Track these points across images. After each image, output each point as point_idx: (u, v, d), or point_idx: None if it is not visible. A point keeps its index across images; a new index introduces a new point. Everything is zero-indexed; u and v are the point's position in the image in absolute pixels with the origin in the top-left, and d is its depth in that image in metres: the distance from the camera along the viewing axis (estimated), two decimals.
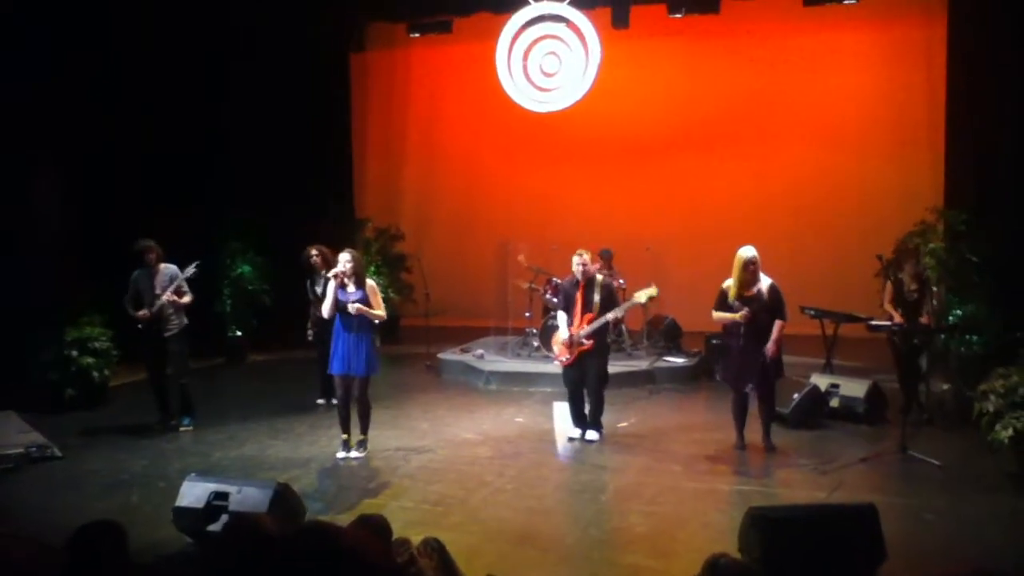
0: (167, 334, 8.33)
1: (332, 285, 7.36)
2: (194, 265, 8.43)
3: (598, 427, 8.03)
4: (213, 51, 12.11)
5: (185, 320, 8.49)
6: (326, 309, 7.44)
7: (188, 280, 8.39)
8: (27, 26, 10.11)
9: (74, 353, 9.31)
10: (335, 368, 7.43)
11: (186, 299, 8.40)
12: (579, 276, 7.86)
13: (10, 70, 9.78)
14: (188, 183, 11.80)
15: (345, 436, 7.55)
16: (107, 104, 11.25)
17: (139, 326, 8.28)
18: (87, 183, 11.14)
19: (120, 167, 11.53)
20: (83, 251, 10.82)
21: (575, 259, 7.86)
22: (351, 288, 7.34)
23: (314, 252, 9.08)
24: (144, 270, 8.33)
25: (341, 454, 7.50)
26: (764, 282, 7.25)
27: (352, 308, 7.26)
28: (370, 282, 7.51)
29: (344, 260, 7.38)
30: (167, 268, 8.37)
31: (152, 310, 8.21)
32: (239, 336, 12.19)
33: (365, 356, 7.35)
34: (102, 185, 11.32)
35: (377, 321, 7.43)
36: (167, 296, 8.21)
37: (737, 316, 7.25)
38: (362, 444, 7.57)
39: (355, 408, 7.53)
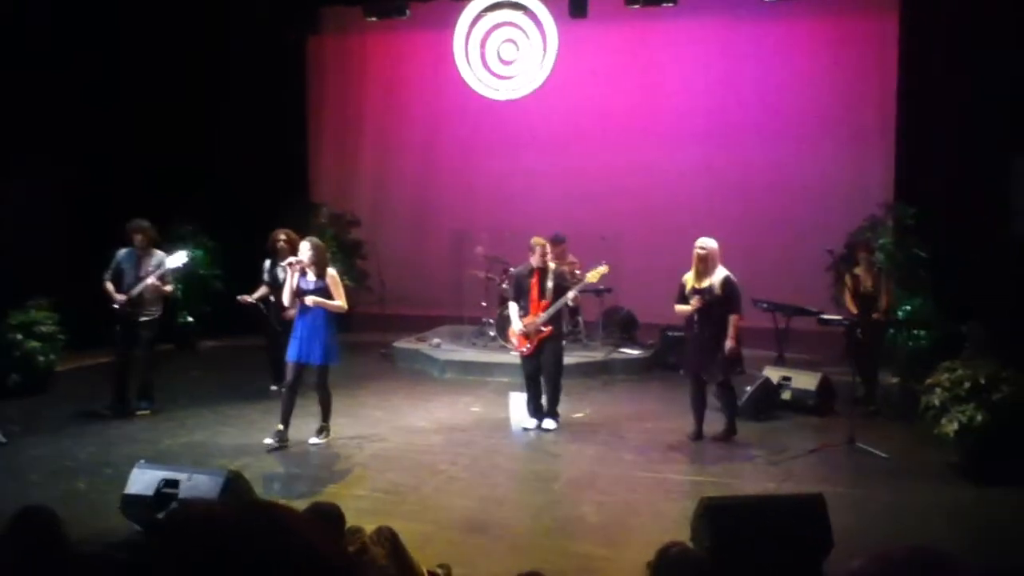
0: (142, 319, 8.23)
1: (291, 273, 7.29)
2: (185, 254, 8.46)
3: (555, 416, 8.08)
4: (171, 35, 11.87)
5: (161, 308, 8.45)
6: (286, 297, 7.42)
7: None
8: (27, 25, 9.93)
9: (18, 337, 9.07)
10: (290, 355, 7.37)
11: (168, 288, 8.37)
12: (537, 265, 7.92)
13: (8, 69, 9.61)
14: (145, 166, 11.59)
15: (281, 427, 7.35)
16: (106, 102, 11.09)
17: (114, 307, 8.15)
18: (81, 177, 10.97)
19: (89, 158, 11.33)
20: (28, 229, 10.61)
21: (536, 248, 7.90)
22: (311, 277, 7.29)
23: (282, 237, 8.87)
24: (131, 250, 8.23)
25: (269, 441, 7.28)
26: (719, 274, 7.33)
27: (309, 301, 7.21)
28: (332, 272, 7.46)
29: (304, 249, 7.34)
30: (157, 253, 8.29)
31: (132, 293, 8.11)
32: (190, 322, 11.99)
33: (322, 345, 7.28)
34: (97, 180, 11.15)
35: (337, 311, 7.40)
36: (151, 280, 8.09)
37: (689, 307, 7.35)
38: (322, 431, 7.52)
39: (316, 397, 7.52)
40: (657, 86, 12.90)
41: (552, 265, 8.04)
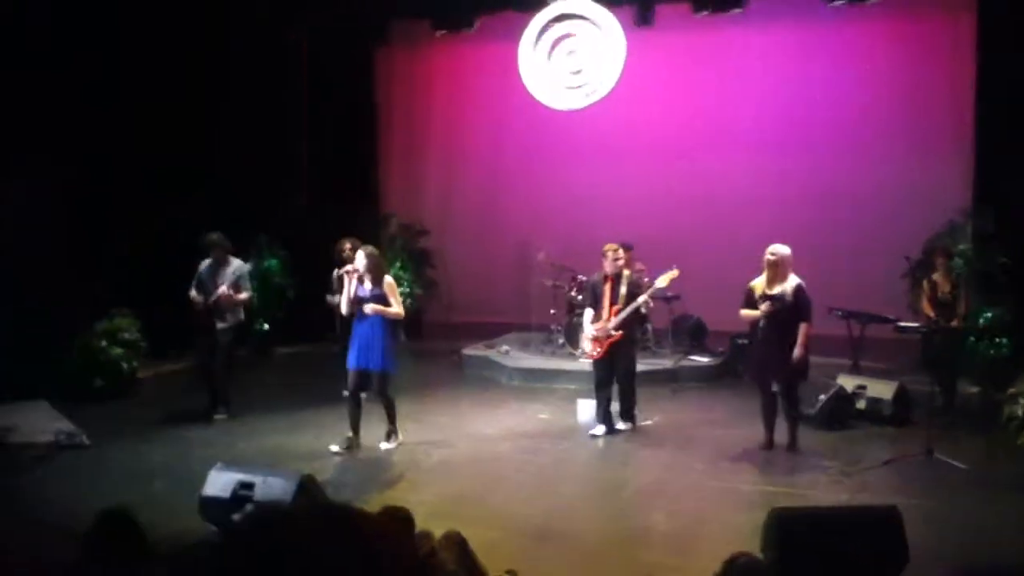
0: (220, 326, 8.50)
1: (348, 281, 7.43)
2: (242, 264, 8.78)
3: (630, 418, 8.16)
4: (209, 46, 11.98)
5: (241, 316, 8.74)
6: (344, 305, 7.53)
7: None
8: (27, 25, 10.13)
9: (103, 344, 9.44)
10: (349, 363, 7.49)
11: (243, 295, 8.63)
12: (610, 271, 8.00)
13: (8, 69, 9.81)
14: (145, 166, 11.61)
15: (350, 435, 7.51)
16: (106, 102, 11.25)
17: (196, 314, 8.51)
18: (85, 176, 11.10)
19: (134, 161, 11.48)
20: (116, 243, 10.89)
21: (609, 254, 7.99)
22: (368, 285, 7.40)
23: (347, 246, 8.98)
24: (211, 262, 8.55)
25: (335, 448, 7.46)
26: (791, 282, 7.23)
27: (368, 309, 7.32)
28: (388, 279, 7.54)
29: (360, 257, 7.46)
30: (234, 262, 8.62)
31: (208, 302, 8.43)
32: (265, 329, 12.24)
33: (381, 352, 7.37)
34: (98, 179, 11.30)
35: (395, 317, 7.48)
36: (222, 290, 8.41)
37: (757, 312, 7.26)
38: (391, 435, 7.62)
39: (380, 404, 7.60)
40: (725, 93, 12.77)
41: (626, 272, 8.07)
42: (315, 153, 12.63)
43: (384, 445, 7.56)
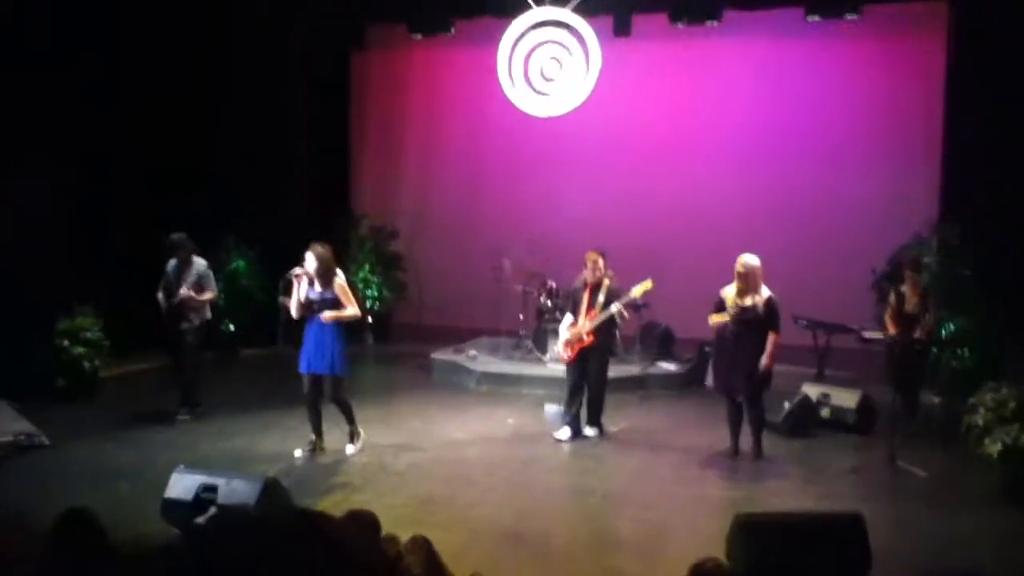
0: (184, 326, 8.49)
1: (297, 284, 7.21)
2: (204, 263, 8.69)
3: (597, 425, 8.21)
4: (208, 46, 11.98)
5: (207, 315, 8.70)
6: (293, 309, 7.32)
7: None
8: (27, 25, 10.06)
9: (65, 343, 9.29)
10: (301, 366, 7.33)
11: (207, 295, 8.60)
12: (590, 280, 8.07)
13: (8, 69, 9.74)
14: (185, 176, 11.69)
15: (313, 438, 7.46)
16: (106, 102, 11.17)
17: (162, 316, 8.51)
18: (81, 177, 11.01)
19: (116, 163, 11.40)
20: (76, 241, 10.77)
21: (589, 264, 8.08)
22: (318, 287, 7.21)
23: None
24: (176, 263, 8.53)
25: (298, 452, 7.40)
26: (763, 293, 7.29)
27: (324, 317, 7.15)
28: (339, 280, 7.31)
29: (309, 259, 7.20)
30: (197, 263, 8.58)
31: (172, 302, 8.42)
32: (231, 330, 12.13)
33: (330, 355, 7.20)
34: (97, 179, 11.19)
35: (350, 320, 7.35)
36: (184, 291, 8.40)
37: (724, 317, 7.34)
38: (354, 437, 7.54)
39: (335, 408, 7.50)
40: (701, 103, 12.90)
41: (606, 281, 8.10)
42: (244, 142, 12.57)
43: (349, 448, 7.49)
